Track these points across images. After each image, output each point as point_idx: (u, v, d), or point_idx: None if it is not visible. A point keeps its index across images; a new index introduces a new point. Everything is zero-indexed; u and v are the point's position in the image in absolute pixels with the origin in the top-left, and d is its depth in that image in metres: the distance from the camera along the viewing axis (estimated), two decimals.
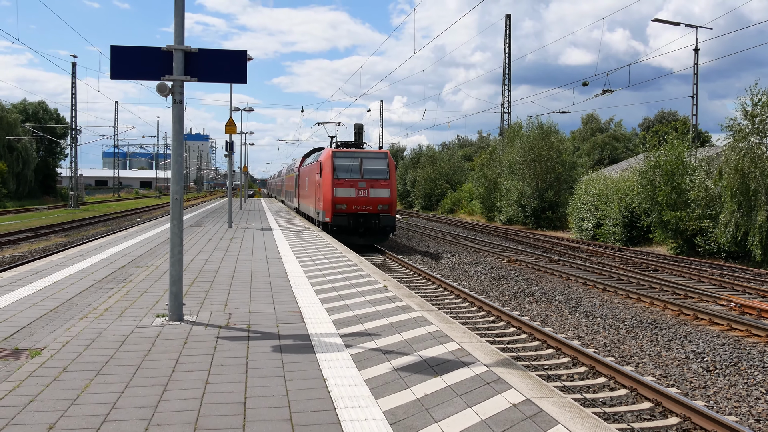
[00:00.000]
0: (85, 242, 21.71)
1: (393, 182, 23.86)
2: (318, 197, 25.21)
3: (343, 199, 23.27)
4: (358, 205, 23.33)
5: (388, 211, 23.61)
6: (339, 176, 23.48)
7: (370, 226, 23.43)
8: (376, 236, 24.03)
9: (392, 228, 23.89)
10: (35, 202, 59.53)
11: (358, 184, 23.40)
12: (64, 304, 8.67)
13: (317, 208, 25.58)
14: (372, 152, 25.05)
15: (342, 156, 24.14)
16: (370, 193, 23.38)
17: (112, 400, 4.94)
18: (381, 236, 24.16)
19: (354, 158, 24.09)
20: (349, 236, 23.29)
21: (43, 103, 72.03)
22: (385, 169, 23.98)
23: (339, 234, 23.05)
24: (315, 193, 26.29)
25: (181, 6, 7.64)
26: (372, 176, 23.67)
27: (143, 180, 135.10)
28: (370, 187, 23.43)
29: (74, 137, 57.20)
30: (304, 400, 5.01)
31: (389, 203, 23.62)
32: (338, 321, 7.84)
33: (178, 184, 7.84)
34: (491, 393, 5.16)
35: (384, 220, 23.45)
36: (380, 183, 23.65)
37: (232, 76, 7.98)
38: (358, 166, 23.81)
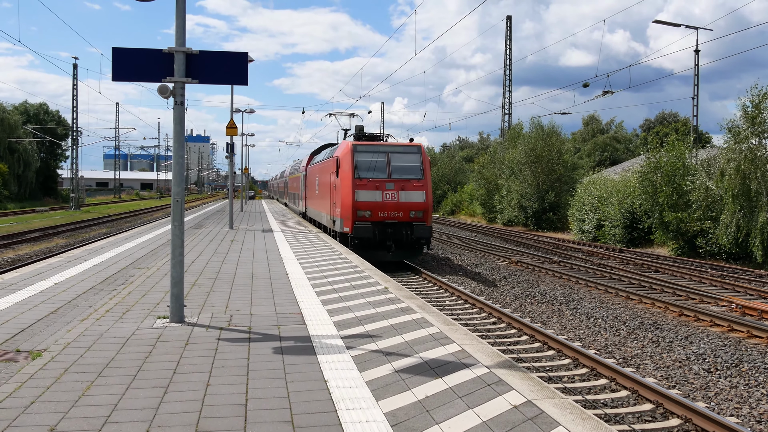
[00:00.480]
0: (86, 244, 21.73)
1: (428, 182, 19.51)
2: (334, 201, 20.87)
3: (366, 205, 18.92)
4: (385, 212, 18.97)
5: (423, 219, 19.17)
6: (361, 175, 19.07)
7: (401, 238, 19.03)
8: (408, 251, 19.65)
9: (427, 240, 19.50)
10: (36, 204, 59.57)
11: (385, 185, 19.04)
12: (65, 305, 8.67)
13: (332, 215, 21.22)
14: (402, 145, 20.47)
15: (365, 150, 19.64)
16: (400, 196, 19.06)
17: (113, 402, 4.94)
18: (413, 251, 19.78)
19: (380, 153, 19.63)
20: (374, 251, 19.09)
21: (44, 105, 72.12)
22: (419, 167, 19.57)
23: (361, 248, 18.79)
24: (329, 197, 21.84)
25: (182, 8, 7.64)
26: (402, 175, 19.35)
27: (144, 181, 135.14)
28: (401, 189, 19.09)
29: (75, 139, 57.25)
30: (306, 402, 5.01)
31: (424, 209, 19.25)
32: (339, 322, 7.84)
33: (179, 186, 7.84)
34: (492, 394, 5.16)
35: (418, 231, 18.91)
36: (413, 184, 19.31)
37: (234, 77, 7.99)
38: (384, 163, 19.42)
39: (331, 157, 21.93)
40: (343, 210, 19.31)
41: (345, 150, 19.85)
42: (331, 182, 21.21)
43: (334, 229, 21.00)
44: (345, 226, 19.22)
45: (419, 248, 19.72)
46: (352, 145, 19.64)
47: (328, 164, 22.81)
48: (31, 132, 62.56)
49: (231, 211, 25.42)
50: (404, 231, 18.97)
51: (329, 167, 22.12)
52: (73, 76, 53.91)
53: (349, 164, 19.28)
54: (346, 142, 20.63)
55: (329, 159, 22.68)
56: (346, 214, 19.10)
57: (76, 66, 54.11)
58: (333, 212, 21.14)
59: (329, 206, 22.07)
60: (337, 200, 20.05)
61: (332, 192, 21.10)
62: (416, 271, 19.19)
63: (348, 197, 19.04)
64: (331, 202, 21.52)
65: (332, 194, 21.11)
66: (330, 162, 22.05)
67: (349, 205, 18.99)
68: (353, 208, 18.92)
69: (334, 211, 20.93)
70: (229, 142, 26.80)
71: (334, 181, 20.65)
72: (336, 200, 20.33)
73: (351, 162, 19.25)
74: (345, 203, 19.18)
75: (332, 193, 21.11)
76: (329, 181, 21.95)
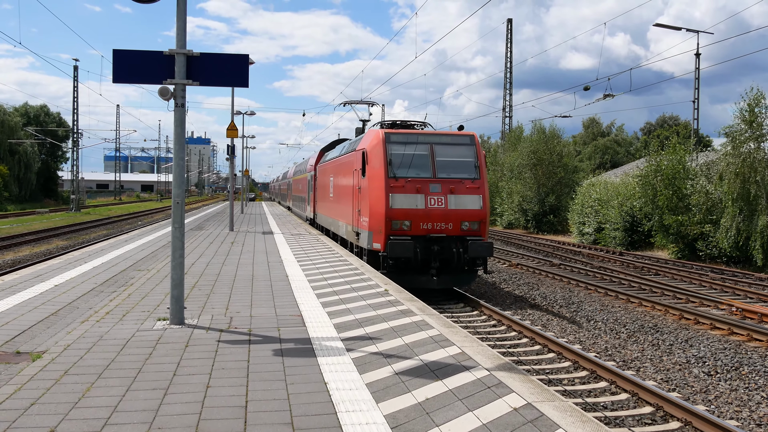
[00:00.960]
0: (87, 245, 21.74)
1: (485, 183, 15.15)
2: (357, 208, 16.39)
3: (404, 213, 14.50)
4: (429, 223, 14.55)
5: (479, 233, 14.78)
6: (397, 174, 14.70)
7: (450, 257, 14.52)
8: (458, 275, 14.94)
9: (484, 261, 15.00)
10: (37, 206, 59.60)
11: (429, 187, 14.69)
12: (65, 307, 8.67)
13: (356, 226, 16.65)
14: (449, 134, 15.86)
15: (401, 140, 15.24)
16: (449, 201, 14.65)
17: (113, 404, 4.94)
18: (466, 274, 15.11)
19: (421, 144, 15.23)
20: (414, 276, 14.54)
21: (44, 107, 72.25)
22: (473, 162, 15.23)
23: (397, 271, 14.38)
24: (351, 202, 17.36)
25: (183, 10, 7.66)
26: (451, 173, 15.00)
27: (144, 183, 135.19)
28: (449, 191, 14.70)
29: (76, 140, 57.32)
30: (306, 404, 5.01)
31: (481, 219, 14.82)
32: (339, 325, 7.84)
33: (180, 188, 7.85)
34: (492, 397, 5.15)
35: (474, 249, 14.29)
36: (465, 185, 14.86)
37: (234, 80, 8.00)
38: (427, 158, 15.03)
39: (354, 150, 17.60)
40: (373, 220, 14.85)
41: (374, 140, 15.40)
42: (354, 184, 16.96)
43: (359, 245, 16.36)
44: (375, 241, 14.80)
45: (473, 270, 15.23)
46: (384, 134, 15.19)
47: (348, 161, 18.53)
48: (32, 134, 62.63)
49: (231, 213, 25.42)
50: (455, 248, 14.49)
51: (350, 164, 17.89)
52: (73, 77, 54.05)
53: (380, 159, 14.88)
54: (374, 131, 15.99)
55: (350, 154, 18.35)
56: (377, 226, 14.67)
57: (76, 68, 54.29)
58: (356, 222, 16.58)
59: (350, 214, 17.44)
60: (363, 207, 15.60)
61: (355, 196, 16.74)
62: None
63: (379, 203, 14.63)
64: (353, 208, 17.05)
65: (355, 199, 16.74)
66: (351, 158, 17.78)
67: (380, 214, 14.54)
68: (387, 218, 14.43)
69: (357, 221, 16.39)
70: (229, 144, 26.83)
71: (357, 182, 16.37)
72: (361, 206, 15.88)
73: (383, 156, 14.85)
74: (375, 211, 14.76)
75: (355, 197, 16.74)
76: (350, 182, 17.70)
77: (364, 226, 15.50)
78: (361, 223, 15.94)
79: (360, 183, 15.98)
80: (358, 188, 16.19)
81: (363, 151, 15.65)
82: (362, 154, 15.63)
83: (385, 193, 14.55)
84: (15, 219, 41.92)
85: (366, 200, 15.35)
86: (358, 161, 16.11)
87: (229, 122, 24.59)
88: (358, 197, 16.25)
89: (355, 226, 16.69)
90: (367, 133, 17.04)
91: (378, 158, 14.98)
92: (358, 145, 17.18)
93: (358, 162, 16.10)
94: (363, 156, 15.54)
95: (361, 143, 16.71)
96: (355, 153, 17.17)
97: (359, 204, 16.12)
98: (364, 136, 17.17)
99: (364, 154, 15.54)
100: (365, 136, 16.85)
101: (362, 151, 15.74)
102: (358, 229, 16.23)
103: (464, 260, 14.57)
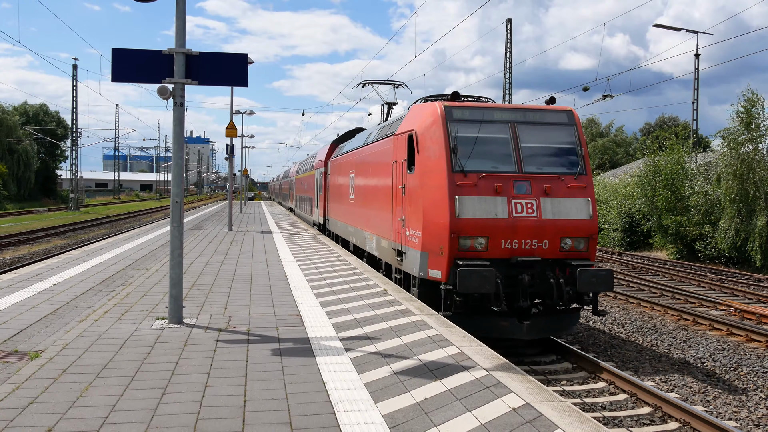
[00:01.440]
0: (85, 245, 21.72)
1: (590, 181, 10.61)
2: (401, 216, 11.52)
3: (479, 225, 9.82)
4: (514, 240, 9.88)
5: (586, 254, 10.20)
6: (467, 167, 10.03)
7: (545, 291, 9.93)
8: (557, 316, 10.22)
9: (594, 297, 10.06)
10: (35, 205, 59.57)
11: (514, 185, 10.13)
12: (63, 306, 8.67)
13: (400, 242, 11.65)
14: (537, 109, 11.21)
15: (469, 117, 10.59)
16: (543, 208, 10.03)
17: (111, 403, 4.94)
18: (567, 316, 10.33)
19: (497, 123, 10.63)
20: (494, 320, 9.82)
21: (44, 106, 72.29)
22: (574, 149, 10.65)
23: (467, 311, 9.70)
24: (390, 207, 12.51)
25: (183, 9, 7.65)
26: (544, 166, 10.44)
27: (143, 183, 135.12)
28: (543, 193, 10.09)
29: (75, 140, 57.27)
30: (304, 404, 5.01)
31: (589, 234, 10.21)
32: (338, 324, 7.84)
33: (179, 187, 7.85)
34: (491, 397, 5.15)
35: (585, 280, 9.60)
36: (566, 184, 10.29)
37: (234, 79, 8.00)
38: (507, 143, 10.47)
39: (391, 136, 12.64)
40: (429, 235, 10.07)
41: (429, 117, 10.64)
42: (393, 182, 12.18)
43: (403, 269, 11.43)
44: (432, 266, 10.00)
45: (575, 310, 10.25)
46: (445, 109, 10.40)
47: (381, 150, 13.64)
48: (31, 133, 62.61)
49: (230, 213, 25.43)
50: (552, 277, 9.71)
51: (384, 155, 13.16)
52: (72, 77, 53.98)
53: (439, 144, 10.16)
54: (428, 106, 10.98)
55: (383, 141, 13.44)
56: (435, 243, 9.91)
57: (75, 67, 54.20)
58: (397, 236, 11.73)
59: (387, 224, 12.69)
60: (412, 214, 10.81)
61: (396, 199, 11.92)
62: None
63: (439, 209, 9.85)
64: (392, 216, 12.24)
65: (396, 203, 11.93)
66: (387, 146, 12.97)
67: (442, 226, 9.75)
68: (452, 232, 9.62)
69: (400, 235, 11.51)
70: (228, 144, 26.84)
71: (400, 180, 11.59)
72: (408, 214, 11.06)
73: (444, 140, 10.11)
74: (433, 221, 9.98)
75: (396, 201, 11.92)
76: (385, 179, 12.98)
77: (413, 243, 10.59)
78: (406, 238, 11.05)
79: (405, 180, 11.24)
80: (401, 187, 11.42)
81: (410, 134, 11.03)
82: (408, 140, 11.10)
83: (449, 195, 9.62)
84: (14, 218, 41.90)
85: (416, 205, 10.50)
86: (401, 150, 11.61)
87: (228, 122, 24.60)
88: (402, 201, 11.40)
89: (396, 242, 11.82)
90: (413, 110, 11.83)
91: (436, 143, 10.18)
92: (398, 128, 12.22)
93: (401, 151, 11.58)
94: (410, 142, 11.01)
95: (403, 125, 11.93)
96: (393, 139, 12.33)
97: (403, 210, 11.26)
98: (407, 116, 12.04)
99: (412, 138, 10.93)
100: (411, 115, 11.76)
101: (409, 134, 11.12)
102: (403, 246, 11.28)
103: (567, 296, 9.62)
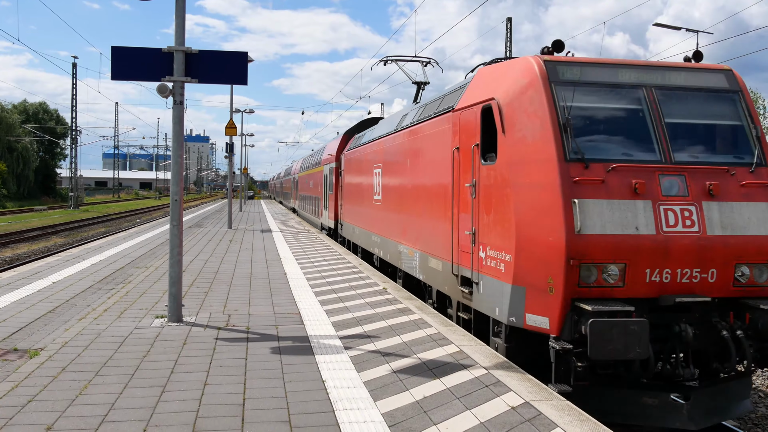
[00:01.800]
0: (85, 243, 21.72)
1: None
2: (472, 228, 7.61)
3: (609, 244, 5.90)
4: (665, 270, 5.99)
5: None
6: (587, 152, 6.18)
7: (714, 348, 6.19)
8: (724, 389, 6.39)
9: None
10: (35, 203, 59.57)
11: (660, 181, 6.17)
12: (63, 304, 8.66)
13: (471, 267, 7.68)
14: (682, 67, 7.19)
15: (583, 78, 6.66)
16: (704, 217, 6.14)
17: (110, 401, 4.93)
18: (737, 389, 6.50)
19: (625, 88, 6.72)
20: (634, 397, 6.06)
21: (43, 104, 72.25)
22: (743, 126, 6.83)
23: (591, 388, 5.97)
24: (449, 213, 8.60)
25: (182, 7, 7.65)
26: (702, 153, 6.58)
27: (143, 181, 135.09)
28: (704, 193, 6.22)
29: (74, 138, 57.23)
30: (303, 402, 5.00)
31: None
32: (337, 323, 7.84)
33: (178, 186, 7.84)
34: (490, 396, 5.15)
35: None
36: (738, 180, 6.38)
37: (233, 77, 8.00)
38: (642, 116, 6.59)
39: (449, 111, 8.84)
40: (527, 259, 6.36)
41: (521, 79, 6.92)
42: (453, 180, 8.48)
43: (474, 306, 7.71)
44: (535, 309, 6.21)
45: (746, 379, 6.66)
46: (546, 66, 6.71)
47: (428, 135, 9.92)
48: (31, 131, 62.59)
49: (230, 211, 25.43)
50: (724, 327, 6.16)
51: (435, 140, 9.46)
52: (72, 75, 53.92)
53: (542, 117, 6.49)
54: (517, 63, 7.25)
55: (433, 120, 9.61)
56: (538, 274, 6.21)
57: (75, 65, 54.13)
58: (466, 258, 7.94)
59: (444, 239, 8.86)
60: (493, 226, 7.12)
61: (461, 203, 8.20)
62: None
63: (546, 220, 6.18)
64: (453, 228, 8.48)
65: (462, 209, 8.19)
66: (438, 128, 9.32)
67: (551, 247, 6.06)
68: (569, 257, 5.89)
69: (470, 257, 7.79)
70: (228, 142, 26.82)
71: (468, 174, 7.88)
72: (485, 225, 7.35)
73: (549, 110, 6.44)
74: (533, 238, 6.32)
75: (461, 205, 8.20)
76: (438, 176, 9.27)
77: (496, 270, 6.92)
78: (481, 261, 7.38)
79: (477, 175, 7.55)
80: (470, 186, 7.70)
81: (486, 106, 7.38)
82: (484, 115, 7.46)
83: (563, 198, 6.08)
84: (13, 216, 41.89)
85: (502, 212, 6.87)
86: (468, 131, 7.96)
87: (228, 120, 24.60)
88: (472, 205, 7.71)
89: (461, 265, 8.09)
90: (485, 73, 8.13)
91: (536, 118, 6.57)
92: (460, 100, 8.51)
93: (468, 133, 7.94)
94: (486, 117, 7.41)
95: (468, 95, 8.25)
96: (452, 117, 8.59)
97: (475, 219, 7.58)
98: (473, 82, 8.36)
99: (489, 112, 7.32)
100: (482, 80, 8.06)
101: (483, 107, 7.45)
102: (475, 273, 7.60)
103: (752, 356, 6.18)
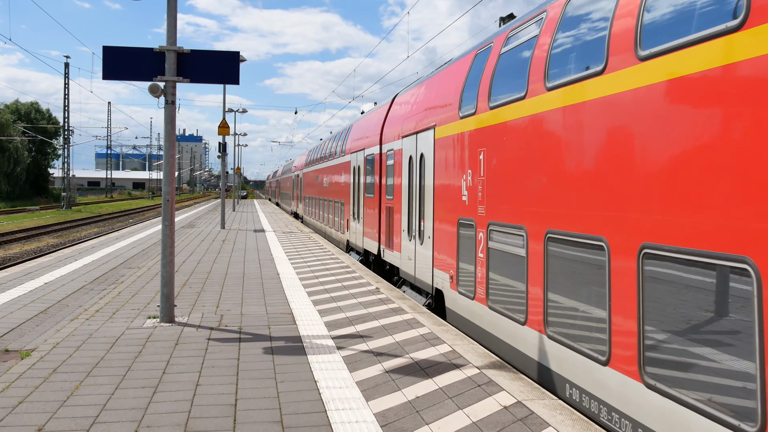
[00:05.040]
0: (77, 243, 21.63)
1: None
2: None
3: None
4: None
5: None
6: None
7: None
8: None
9: None
10: (27, 203, 59.24)
11: None
12: (55, 305, 8.63)
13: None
14: None
15: None
16: None
17: (102, 402, 4.92)
18: None
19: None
20: None
21: (35, 104, 71.86)
22: None
23: None
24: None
25: (174, 7, 7.63)
26: None
27: (136, 181, 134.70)
28: None
29: (67, 138, 56.94)
30: (295, 402, 5.00)
31: None
32: (330, 323, 7.84)
33: (170, 186, 7.82)
34: (482, 395, 5.16)
35: None
36: None
37: (225, 77, 7.99)
38: None
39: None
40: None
41: None
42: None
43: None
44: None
45: None
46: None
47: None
48: (22, 131, 62.23)
49: (223, 211, 25.37)
50: None
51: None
52: (64, 74, 53.65)
53: None
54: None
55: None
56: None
57: (67, 65, 53.82)
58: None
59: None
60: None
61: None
62: None
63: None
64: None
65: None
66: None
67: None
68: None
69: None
70: (221, 142, 26.76)
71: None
72: None
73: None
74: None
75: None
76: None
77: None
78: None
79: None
80: None
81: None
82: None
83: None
84: (5, 216, 41.66)
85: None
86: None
87: (220, 120, 24.55)
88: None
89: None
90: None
91: None
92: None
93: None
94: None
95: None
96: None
97: None
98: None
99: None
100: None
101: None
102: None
103: None
